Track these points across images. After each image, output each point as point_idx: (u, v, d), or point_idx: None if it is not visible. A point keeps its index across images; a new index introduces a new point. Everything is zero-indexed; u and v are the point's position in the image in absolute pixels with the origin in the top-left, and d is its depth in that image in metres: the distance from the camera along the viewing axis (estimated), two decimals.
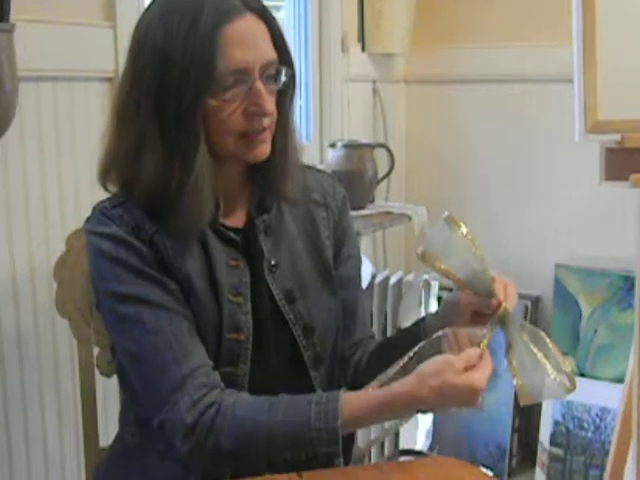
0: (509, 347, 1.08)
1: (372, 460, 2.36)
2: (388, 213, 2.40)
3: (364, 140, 2.45)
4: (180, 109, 1.09)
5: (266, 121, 1.14)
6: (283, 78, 1.16)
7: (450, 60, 2.87)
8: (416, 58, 2.91)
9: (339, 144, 2.33)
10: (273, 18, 1.16)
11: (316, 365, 1.23)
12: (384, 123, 2.83)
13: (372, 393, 1.08)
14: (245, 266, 1.20)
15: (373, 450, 2.43)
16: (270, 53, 1.14)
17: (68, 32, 1.63)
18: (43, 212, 1.62)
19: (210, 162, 1.13)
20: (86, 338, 1.39)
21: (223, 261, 1.17)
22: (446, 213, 1.09)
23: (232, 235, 1.19)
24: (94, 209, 1.18)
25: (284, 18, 2.51)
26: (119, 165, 1.15)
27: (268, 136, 1.16)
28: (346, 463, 1.09)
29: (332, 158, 2.33)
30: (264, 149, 1.16)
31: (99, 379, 1.39)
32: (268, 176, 1.22)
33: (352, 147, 2.32)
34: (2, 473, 1.57)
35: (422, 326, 1.25)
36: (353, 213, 2.24)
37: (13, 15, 1.35)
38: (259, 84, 1.12)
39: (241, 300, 1.18)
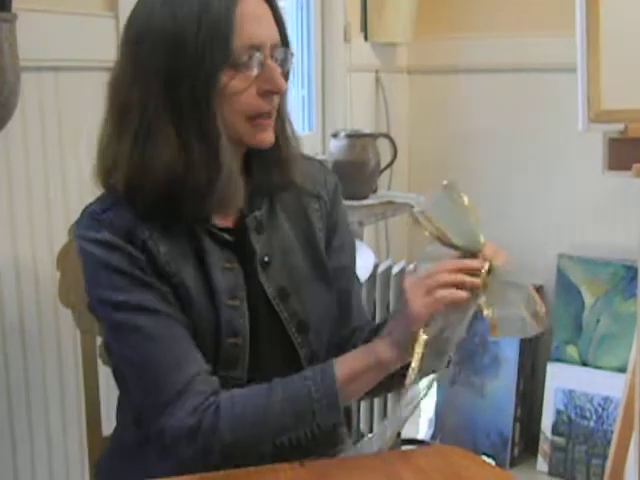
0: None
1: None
2: (391, 203, 2.40)
3: (367, 130, 2.45)
4: (194, 90, 1.06)
5: (275, 102, 1.13)
6: (289, 62, 1.15)
7: (453, 50, 2.87)
8: (419, 48, 2.90)
9: (342, 134, 2.33)
10: (274, 1, 1.15)
11: (312, 361, 1.21)
12: (387, 113, 2.82)
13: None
14: (239, 267, 1.17)
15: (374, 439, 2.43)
16: (277, 34, 1.13)
17: (70, 22, 1.62)
18: (45, 202, 1.62)
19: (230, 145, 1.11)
20: (89, 327, 1.39)
21: (218, 264, 1.14)
22: (445, 182, 1.10)
23: (226, 236, 1.16)
24: (83, 212, 1.15)
25: (286, 7, 2.51)
26: (122, 162, 1.10)
27: (271, 124, 1.14)
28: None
29: (334, 148, 2.32)
30: (270, 136, 1.14)
31: (102, 368, 1.39)
32: (271, 166, 1.20)
33: (355, 137, 2.32)
34: (6, 463, 1.58)
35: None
36: (355, 203, 2.25)
37: (15, 4, 1.34)
38: (271, 61, 1.10)
39: (237, 303, 1.15)
